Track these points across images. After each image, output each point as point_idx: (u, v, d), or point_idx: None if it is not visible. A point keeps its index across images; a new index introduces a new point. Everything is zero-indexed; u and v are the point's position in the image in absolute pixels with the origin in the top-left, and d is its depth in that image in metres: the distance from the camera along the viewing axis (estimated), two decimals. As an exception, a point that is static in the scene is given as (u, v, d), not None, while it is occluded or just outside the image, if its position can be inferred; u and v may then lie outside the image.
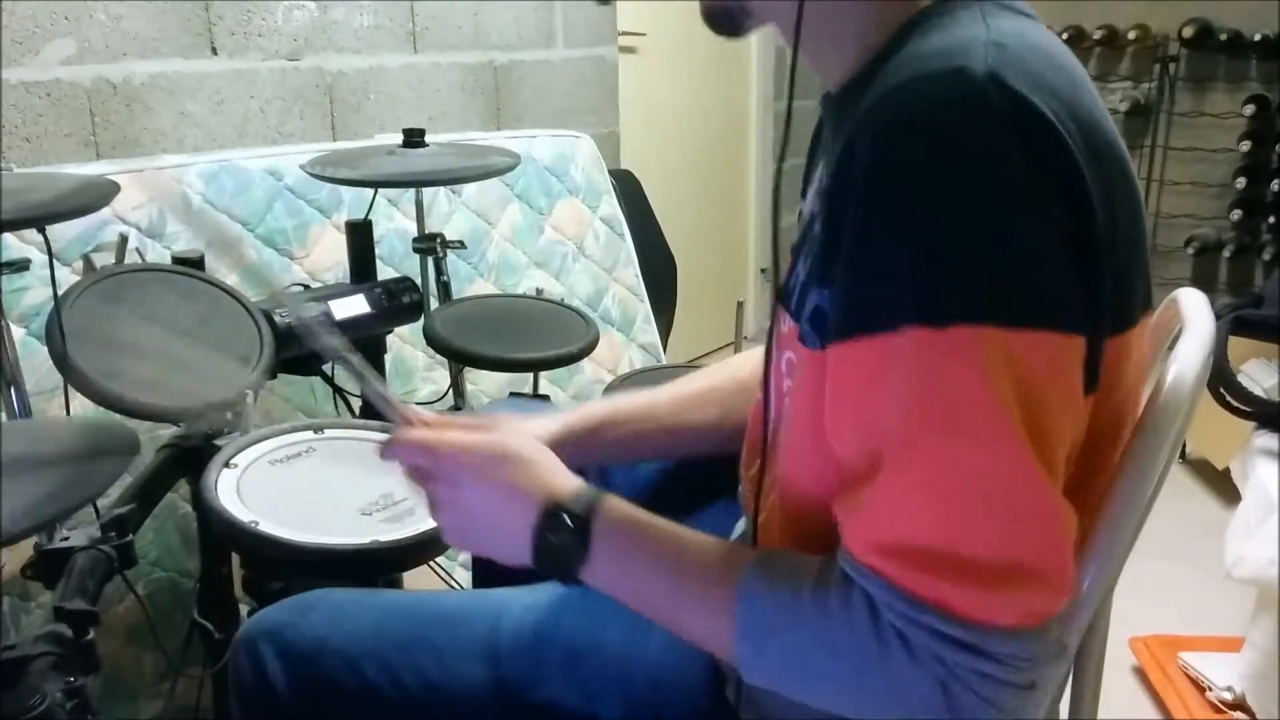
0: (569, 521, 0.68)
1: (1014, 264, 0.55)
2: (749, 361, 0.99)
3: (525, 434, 0.78)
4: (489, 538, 0.73)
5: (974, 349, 0.55)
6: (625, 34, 2.85)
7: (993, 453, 0.56)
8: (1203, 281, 3.75)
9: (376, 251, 1.71)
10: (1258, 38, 3.49)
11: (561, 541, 0.68)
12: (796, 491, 0.71)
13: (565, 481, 0.72)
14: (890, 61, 0.62)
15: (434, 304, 1.74)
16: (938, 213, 0.55)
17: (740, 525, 0.92)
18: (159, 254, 1.58)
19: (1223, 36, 3.53)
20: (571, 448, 0.84)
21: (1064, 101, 0.58)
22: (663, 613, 0.68)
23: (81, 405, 1.27)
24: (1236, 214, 3.59)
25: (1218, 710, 1.79)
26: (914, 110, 0.57)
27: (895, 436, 0.58)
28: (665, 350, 2.50)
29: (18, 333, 1.42)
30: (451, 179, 1.83)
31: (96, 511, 1.05)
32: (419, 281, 1.70)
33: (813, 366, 0.65)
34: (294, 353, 1.46)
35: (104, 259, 1.43)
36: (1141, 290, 0.66)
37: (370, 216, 1.72)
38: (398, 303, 1.62)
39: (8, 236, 1.41)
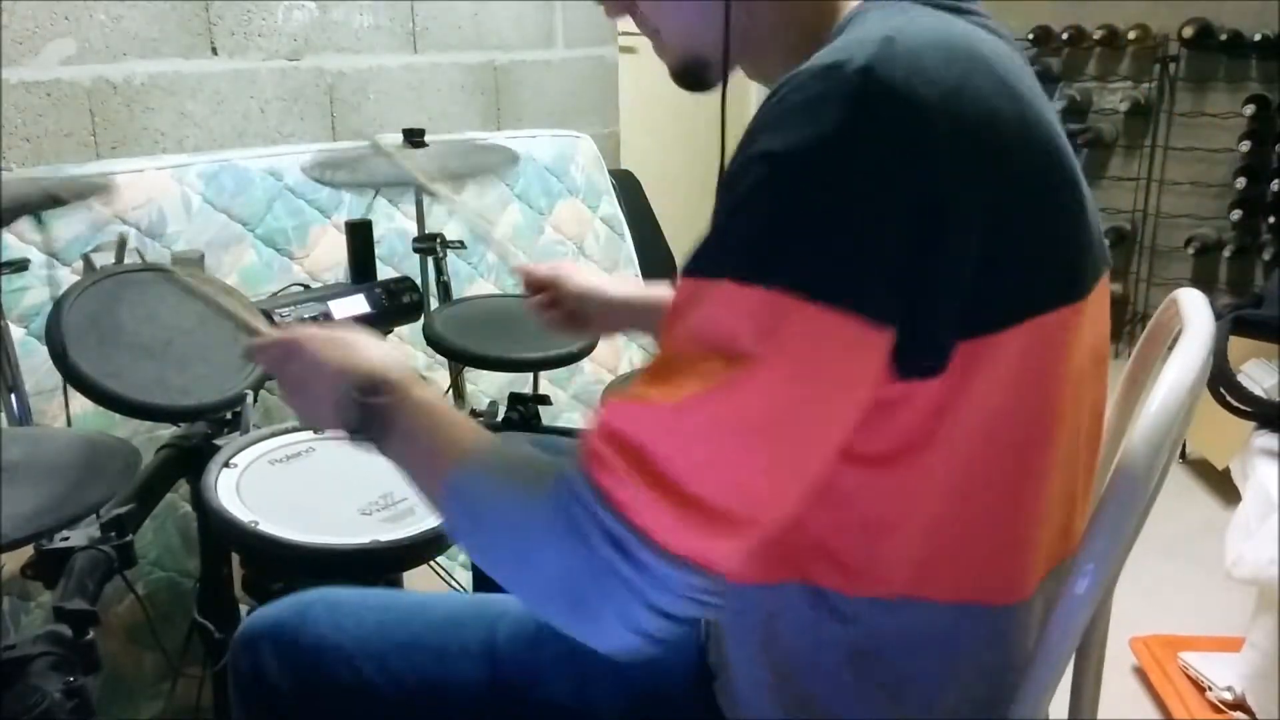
0: (360, 399, 0.74)
1: (827, 241, 0.57)
2: None
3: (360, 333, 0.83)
4: (311, 408, 0.81)
5: (760, 307, 0.57)
6: (625, 34, 2.84)
7: (732, 401, 0.58)
8: (1203, 281, 3.75)
9: (376, 251, 1.71)
10: (1258, 38, 3.48)
11: (356, 417, 0.75)
12: None
13: (367, 365, 0.76)
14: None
15: (434, 304, 1.74)
16: (772, 182, 0.58)
17: None
18: (159, 254, 1.58)
19: (1223, 36, 3.53)
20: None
21: (949, 90, 0.58)
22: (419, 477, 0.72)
23: (81, 405, 1.27)
24: (1236, 214, 3.58)
25: (1218, 710, 1.79)
26: (782, 98, 0.60)
27: (669, 354, 0.61)
28: (665, 350, 2.50)
29: (18, 333, 1.42)
30: (451, 179, 1.83)
31: (97, 511, 1.05)
32: (419, 281, 1.70)
33: None
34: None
35: (104, 259, 1.43)
36: (1050, 283, 0.64)
37: (370, 216, 1.72)
38: (398, 303, 1.62)
39: (8, 236, 1.41)
